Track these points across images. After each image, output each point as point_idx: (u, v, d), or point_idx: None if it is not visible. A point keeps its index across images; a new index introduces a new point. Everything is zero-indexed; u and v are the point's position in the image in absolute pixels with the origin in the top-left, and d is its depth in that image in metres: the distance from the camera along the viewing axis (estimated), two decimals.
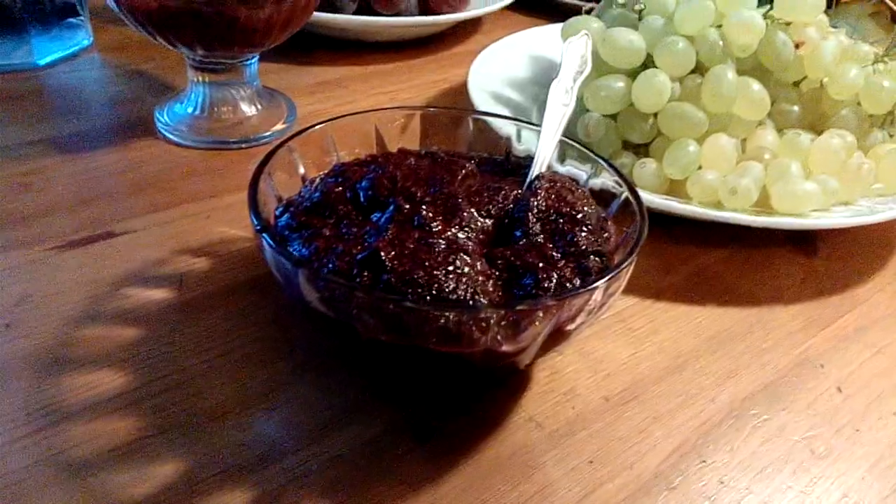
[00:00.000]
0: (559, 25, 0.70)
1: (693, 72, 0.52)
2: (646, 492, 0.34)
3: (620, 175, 0.39)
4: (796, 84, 0.57)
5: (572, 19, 0.58)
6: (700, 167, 0.50)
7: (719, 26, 0.53)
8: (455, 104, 0.67)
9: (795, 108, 0.56)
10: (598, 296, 0.32)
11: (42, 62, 0.65)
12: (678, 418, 0.37)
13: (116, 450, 0.33)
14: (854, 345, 0.44)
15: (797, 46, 0.54)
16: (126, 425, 0.34)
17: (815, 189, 0.48)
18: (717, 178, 0.49)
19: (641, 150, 0.54)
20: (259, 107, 0.59)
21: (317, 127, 0.41)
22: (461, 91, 0.69)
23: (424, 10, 0.77)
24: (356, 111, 0.44)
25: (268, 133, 0.57)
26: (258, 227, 0.33)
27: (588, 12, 0.62)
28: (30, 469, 0.31)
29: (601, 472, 0.34)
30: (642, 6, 0.56)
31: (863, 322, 0.46)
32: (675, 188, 0.51)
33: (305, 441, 0.34)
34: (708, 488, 0.34)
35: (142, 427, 0.34)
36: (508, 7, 0.83)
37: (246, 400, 0.36)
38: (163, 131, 0.57)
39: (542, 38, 0.70)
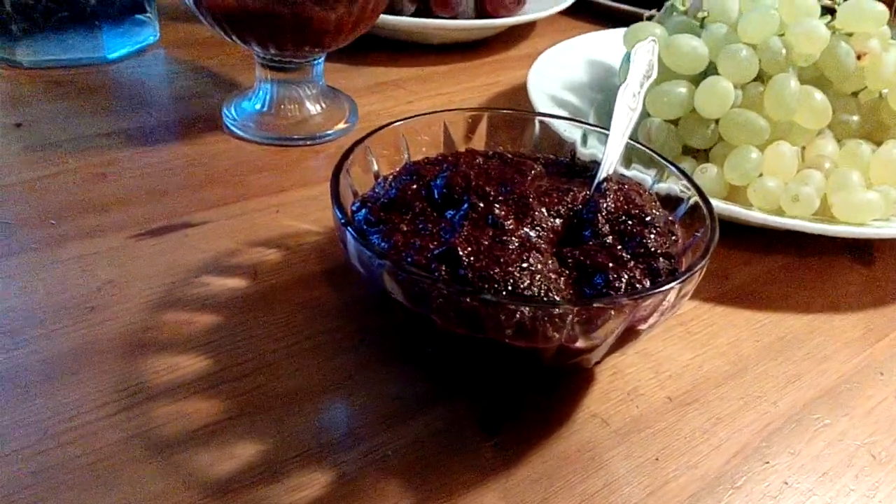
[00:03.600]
0: (615, 31, 0.72)
1: (755, 80, 0.53)
2: (710, 491, 0.34)
3: (689, 179, 0.40)
4: (855, 94, 0.57)
5: (635, 25, 0.58)
6: (761, 174, 0.51)
7: (782, 35, 0.53)
8: (512, 106, 0.68)
9: (855, 118, 0.56)
10: (671, 297, 0.33)
11: (112, 56, 0.68)
12: (741, 420, 0.38)
13: (200, 430, 0.34)
14: None
15: (859, 57, 0.54)
16: (208, 406, 0.35)
17: (876, 198, 0.48)
18: (778, 185, 0.49)
19: (701, 155, 0.54)
20: (323, 105, 0.60)
21: (390, 126, 0.43)
22: (516, 93, 0.70)
23: (481, 13, 0.78)
24: (423, 112, 0.45)
25: (331, 131, 0.59)
26: (342, 221, 0.34)
27: (649, 19, 0.63)
28: (120, 445, 0.33)
29: (666, 470, 0.35)
30: (705, 13, 0.56)
31: None
32: (733, 195, 0.52)
33: (379, 428, 0.35)
34: (772, 489, 0.35)
35: (223, 409, 0.35)
36: (562, 12, 0.84)
37: (321, 387, 0.37)
38: (230, 126, 0.58)
39: (599, 44, 0.71)
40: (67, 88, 0.63)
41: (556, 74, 0.65)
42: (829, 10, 0.56)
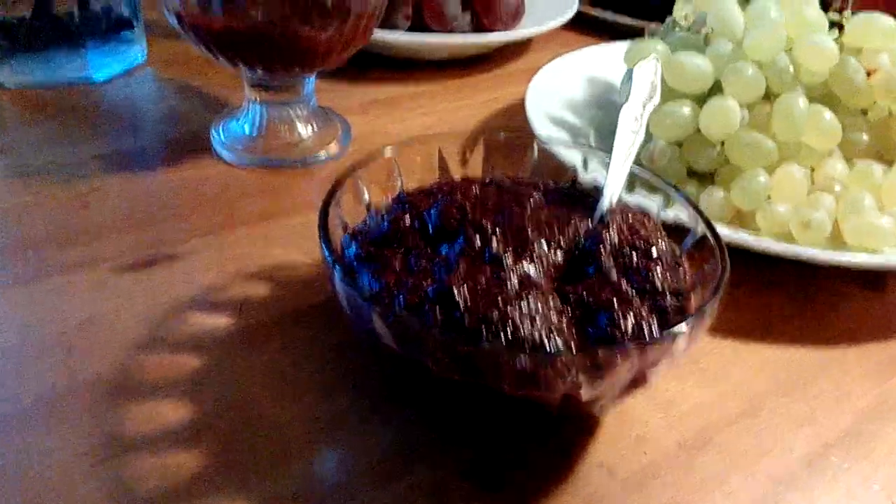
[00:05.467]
0: (614, 45, 0.70)
1: (762, 99, 0.51)
2: None
3: (696, 208, 0.38)
4: (864, 112, 0.55)
5: (635, 42, 0.57)
6: (769, 197, 0.49)
7: (789, 51, 0.51)
8: (509, 124, 0.66)
9: (864, 136, 0.54)
10: (682, 342, 0.31)
11: (98, 77, 0.66)
12: (755, 466, 0.36)
13: (180, 485, 0.32)
14: None
15: (869, 74, 0.52)
16: (188, 459, 0.33)
17: (890, 224, 0.46)
18: (788, 210, 0.47)
19: (706, 178, 0.52)
20: (314, 126, 0.58)
21: (382, 155, 0.41)
22: (514, 110, 0.68)
23: (477, 28, 0.76)
24: (418, 135, 0.43)
25: (323, 154, 0.57)
26: (331, 261, 0.32)
27: (651, 34, 0.61)
28: (98, 499, 0.31)
29: None
30: (709, 30, 0.54)
31: None
32: (739, 218, 0.50)
33: (369, 483, 0.33)
34: None
35: (206, 462, 0.33)
36: (560, 26, 0.82)
37: (308, 435, 0.35)
38: (218, 150, 0.56)
39: (599, 58, 0.69)
40: (51, 111, 0.61)
41: (554, 91, 0.63)
42: (837, 25, 0.54)
